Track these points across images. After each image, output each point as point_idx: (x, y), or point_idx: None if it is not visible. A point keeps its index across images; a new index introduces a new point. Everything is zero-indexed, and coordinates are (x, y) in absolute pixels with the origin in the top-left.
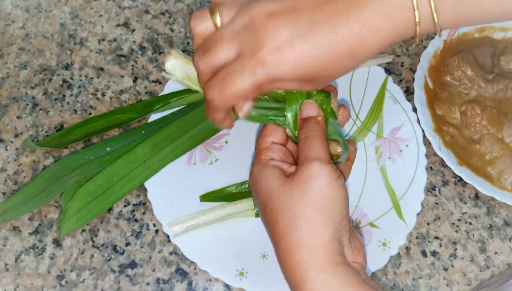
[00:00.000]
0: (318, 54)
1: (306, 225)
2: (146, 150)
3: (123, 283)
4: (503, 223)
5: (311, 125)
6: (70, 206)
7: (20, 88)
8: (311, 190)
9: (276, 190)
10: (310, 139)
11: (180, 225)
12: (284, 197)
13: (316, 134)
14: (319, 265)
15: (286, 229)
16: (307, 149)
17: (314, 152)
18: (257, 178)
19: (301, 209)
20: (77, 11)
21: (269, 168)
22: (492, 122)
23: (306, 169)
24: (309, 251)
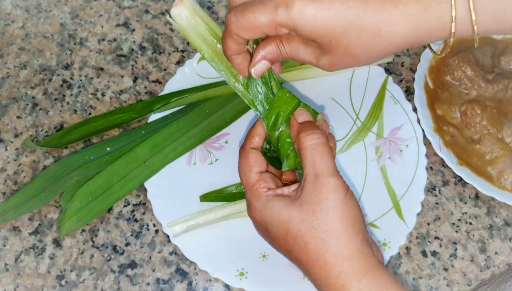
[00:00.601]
0: (343, 16)
1: (339, 240)
2: (146, 150)
3: (123, 283)
4: (503, 223)
5: (317, 132)
6: (70, 206)
7: (20, 88)
8: (335, 206)
9: (295, 216)
10: (320, 151)
11: (180, 225)
12: (308, 219)
13: (323, 141)
14: (360, 271)
15: (319, 248)
16: (319, 161)
17: (326, 166)
18: (264, 212)
19: (330, 226)
20: (77, 11)
21: (275, 199)
22: (492, 122)
23: (323, 186)
24: (348, 262)
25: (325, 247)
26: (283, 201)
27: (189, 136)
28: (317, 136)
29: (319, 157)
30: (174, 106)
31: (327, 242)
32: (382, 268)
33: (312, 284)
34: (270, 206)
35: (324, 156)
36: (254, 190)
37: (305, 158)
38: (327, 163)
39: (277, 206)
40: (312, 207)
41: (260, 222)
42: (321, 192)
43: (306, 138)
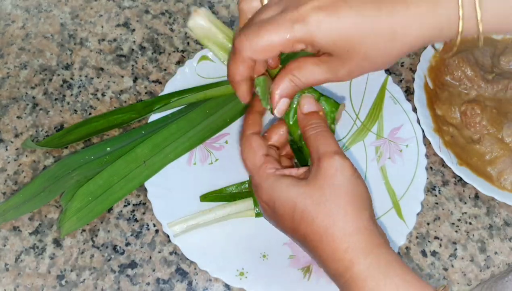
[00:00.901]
0: (359, 25)
1: (346, 214)
2: (146, 150)
3: (123, 283)
4: (503, 223)
5: (317, 121)
6: (70, 206)
7: (20, 88)
8: (341, 182)
9: (303, 193)
10: (322, 135)
11: (180, 225)
12: (314, 196)
13: (326, 130)
14: (366, 247)
15: (326, 223)
16: (322, 144)
17: (330, 146)
18: (271, 191)
19: (337, 202)
20: (77, 11)
21: (283, 178)
22: (492, 122)
23: (329, 164)
24: (355, 237)
25: (333, 222)
26: (290, 180)
27: (189, 136)
28: (317, 125)
29: (322, 141)
30: (174, 106)
31: (334, 217)
32: (388, 246)
33: (317, 263)
34: (279, 184)
35: (326, 139)
36: (262, 171)
37: (309, 146)
38: (330, 144)
39: (285, 184)
40: (320, 183)
41: (267, 201)
42: (328, 169)
43: (308, 129)
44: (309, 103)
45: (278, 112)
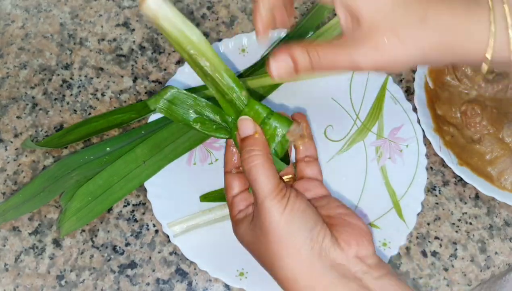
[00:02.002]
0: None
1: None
2: (146, 150)
3: (123, 283)
4: (504, 223)
5: (249, 149)
6: (70, 206)
7: (19, 88)
8: (272, 228)
9: (250, 241)
10: (254, 174)
11: (180, 225)
12: (256, 244)
13: (258, 163)
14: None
15: (269, 269)
16: (255, 188)
17: (261, 189)
18: (236, 235)
19: (271, 251)
20: (77, 11)
21: (241, 222)
22: (492, 122)
23: (260, 209)
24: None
25: (273, 269)
26: (245, 222)
27: (189, 136)
28: (252, 158)
29: (254, 180)
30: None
31: (273, 264)
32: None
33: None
34: (237, 229)
35: (258, 178)
36: (230, 213)
37: (249, 183)
38: (262, 185)
39: (240, 230)
40: (257, 231)
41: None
42: (259, 216)
43: (244, 162)
44: (244, 127)
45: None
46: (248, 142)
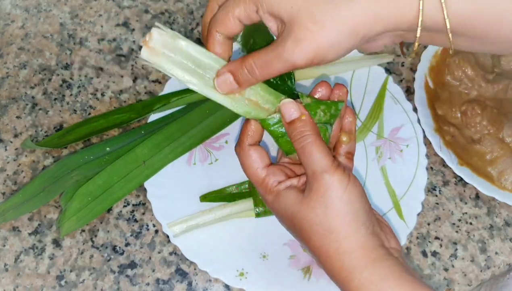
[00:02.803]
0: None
1: (339, 235)
2: (145, 150)
3: (122, 284)
4: (504, 223)
5: (300, 131)
6: (70, 206)
7: (19, 88)
8: (332, 202)
9: (298, 211)
10: (308, 151)
11: (180, 225)
12: (309, 216)
13: (310, 141)
14: (360, 264)
15: (321, 243)
16: (309, 162)
17: (317, 164)
18: (275, 205)
19: (329, 223)
20: (77, 11)
21: (283, 193)
22: (492, 122)
23: (318, 184)
24: (348, 256)
25: (327, 242)
26: (291, 194)
27: (189, 136)
28: (305, 138)
29: (309, 156)
30: (174, 106)
31: (327, 238)
32: (387, 258)
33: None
34: (279, 200)
35: (313, 155)
36: (264, 185)
37: (300, 159)
38: (318, 161)
39: (284, 200)
40: (312, 204)
41: (275, 213)
42: (318, 189)
43: (296, 142)
44: (289, 109)
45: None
46: (296, 125)
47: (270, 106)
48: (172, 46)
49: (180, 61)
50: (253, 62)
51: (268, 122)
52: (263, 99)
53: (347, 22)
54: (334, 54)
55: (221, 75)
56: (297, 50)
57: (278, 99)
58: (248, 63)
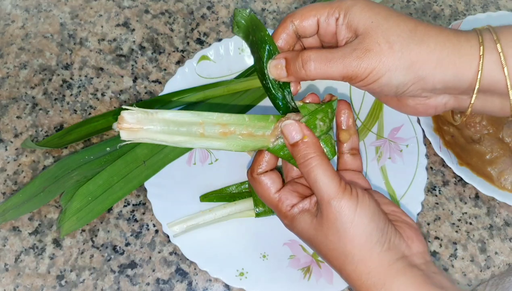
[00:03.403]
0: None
1: (354, 258)
2: (145, 150)
3: (123, 283)
4: (504, 223)
5: (304, 154)
6: (70, 206)
7: (20, 88)
8: (344, 228)
9: (314, 236)
10: (313, 177)
11: (180, 225)
12: (324, 242)
13: (315, 165)
14: (378, 282)
15: (339, 264)
16: (316, 188)
17: (324, 190)
18: (292, 228)
19: (343, 249)
20: (77, 11)
21: (299, 216)
22: (492, 122)
23: (328, 211)
24: (365, 276)
25: (344, 264)
26: (306, 218)
27: None
28: (309, 161)
29: (315, 184)
30: (174, 106)
31: (344, 261)
32: (404, 272)
33: None
34: (296, 224)
35: (318, 182)
36: (279, 210)
37: (308, 183)
38: (323, 187)
39: (300, 224)
40: (325, 231)
41: (295, 234)
42: (328, 217)
43: (301, 166)
44: (291, 132)
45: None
46: (300, 147)
47: (264, 131)
48: (147, 120)
49: (161, 129)
50: (311, 55)
51: (275, 149)
52: (254, 128)
53: (412, 54)
54: (389, 79)
55: (276, 59)
56: (361, 59)
57: (268, 120)
58: (305, 55)
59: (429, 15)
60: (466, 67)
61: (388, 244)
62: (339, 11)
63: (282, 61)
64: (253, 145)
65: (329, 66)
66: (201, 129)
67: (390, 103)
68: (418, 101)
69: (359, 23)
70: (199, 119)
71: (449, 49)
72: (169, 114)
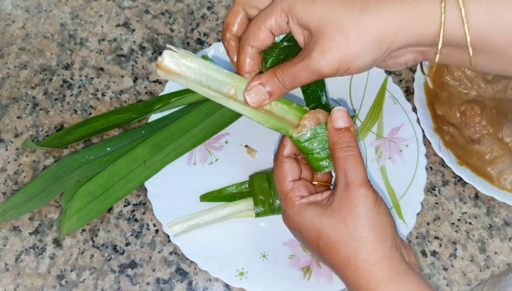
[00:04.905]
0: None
1: (368, 246)
2: (146, 150)
3: (123, 283)
4: (503, 223)
5: (348, 141)
6: (70, 206)
7: (20, 88)
8: (364, 214)
9: (326, 224)
10: (352, 162)
11: (180, 225)
12: (338, 227)
13: (355, 153)
14: (387, 276)
15: (349, 254)
16: (351, 171)
17: (357, 176)
18: (297, 219)
19: (360, 233)
20: (77, 11)
21: (307, 207)
22: (491, 122)
23: (354, 195)
24: (376, 267)
25: (355, 252)
26: (315, 208)
27: (189, 136)
28: (348, 146)
29: (351, 167)
30: (174, 106)
31: (357, 248)
32: (409, 272)
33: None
34: (303, 214)
35: (356, 167)
36: (288, 199)
37: (337, 167)
38: (358, 173)
39: (309, 214)
40: (343, 214)
41: (294, 228)
42: (351, 201)
43: (340, 150)
44: (342, 118)
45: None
46: (344, 133)
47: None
48: (184, 66)
49: (195, 78)
50: (282, 73)
51: (299, 139)
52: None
53: (371, 33)
54: (359, 64)
55: (253, 88)
56: (322, 61)
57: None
58: (279, 74)
59: None
60: (428, 26)
61: (396, 243)
62: (285, 14)
63: (260, 88)
64: (274, 123)
65: (300, 78)
66: (232, 91)
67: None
68: (389, 63)
69: (308, 22)
70: (232, 81)
71: (408, 12)
72: (206, 67)
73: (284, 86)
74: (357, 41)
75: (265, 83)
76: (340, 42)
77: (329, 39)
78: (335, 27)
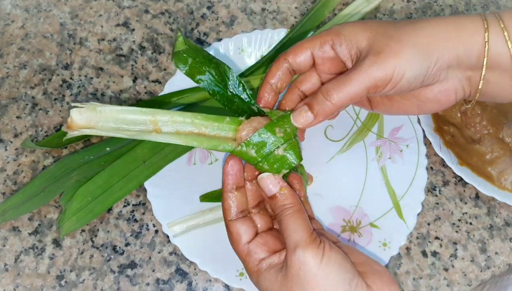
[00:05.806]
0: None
1: None
2: (145, 150)
3: (122, 284)
4: (504, 223)
5: (281, 205)
6: (70, 206)
7: (19, 88)
8: (307, 280)
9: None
10: (285, 224)
11: (180, 225)
12: None
13: (289, 214)
14: None
15: None
16: (285, 236)
17: (292, 238)
18: (259, 283)
19: None
20: (77, 11)
21: (265, 272)
22: (492, 122)
23: (292, 261)
24: None
25: None
26: (273, 273)
27: None
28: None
29: (286, 231)
30: (174, 106)
31: None
32: None
33: None
34: (262, 279)
35: (288, 229)
36: (246, 263)
37: (280, 231)
38: (292, 235)
39: (267, 279)
40: (289, 284)
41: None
42: (292, 267)
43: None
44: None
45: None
46: (277, 200)
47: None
48: (96, 118)
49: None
50: (328, 85)
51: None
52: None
53: (421, 41)
54: (412, 70)
55: (298, 108)
56: (379, 62)
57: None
58: (324, 89)
59: (429, 15)
60: (472, 41)
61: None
62: (331, 38)
63: (304, 107)
64: (209, 143)
65: (351, 86)
66: (152, 127)
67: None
68: (438, 90)
69: (358, 40)
70: (150, 117)
71: (453, 27)
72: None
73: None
74: (409, 44)
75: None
76: (394, 46)
77: (383, 44)
78: (386, 35)
